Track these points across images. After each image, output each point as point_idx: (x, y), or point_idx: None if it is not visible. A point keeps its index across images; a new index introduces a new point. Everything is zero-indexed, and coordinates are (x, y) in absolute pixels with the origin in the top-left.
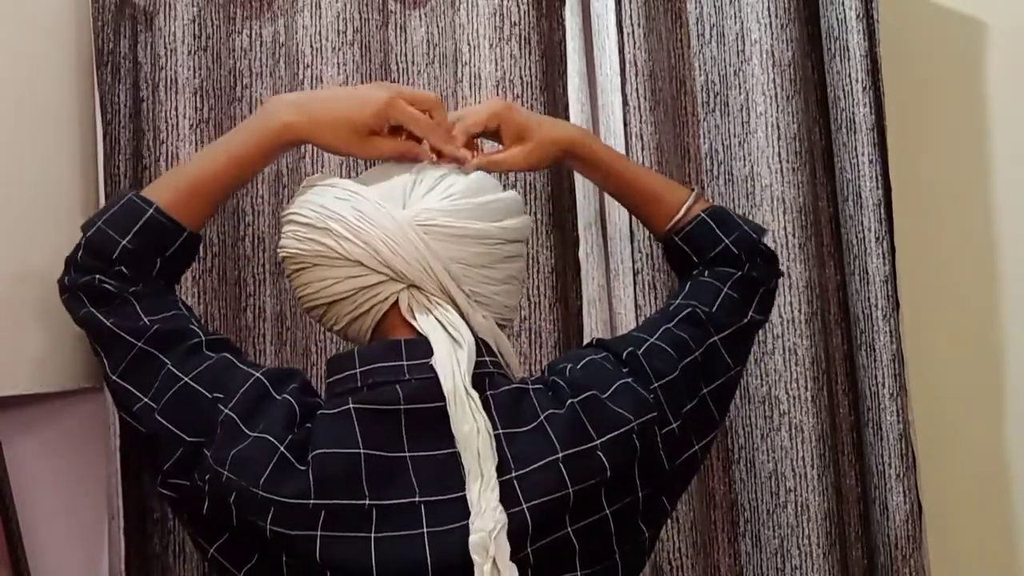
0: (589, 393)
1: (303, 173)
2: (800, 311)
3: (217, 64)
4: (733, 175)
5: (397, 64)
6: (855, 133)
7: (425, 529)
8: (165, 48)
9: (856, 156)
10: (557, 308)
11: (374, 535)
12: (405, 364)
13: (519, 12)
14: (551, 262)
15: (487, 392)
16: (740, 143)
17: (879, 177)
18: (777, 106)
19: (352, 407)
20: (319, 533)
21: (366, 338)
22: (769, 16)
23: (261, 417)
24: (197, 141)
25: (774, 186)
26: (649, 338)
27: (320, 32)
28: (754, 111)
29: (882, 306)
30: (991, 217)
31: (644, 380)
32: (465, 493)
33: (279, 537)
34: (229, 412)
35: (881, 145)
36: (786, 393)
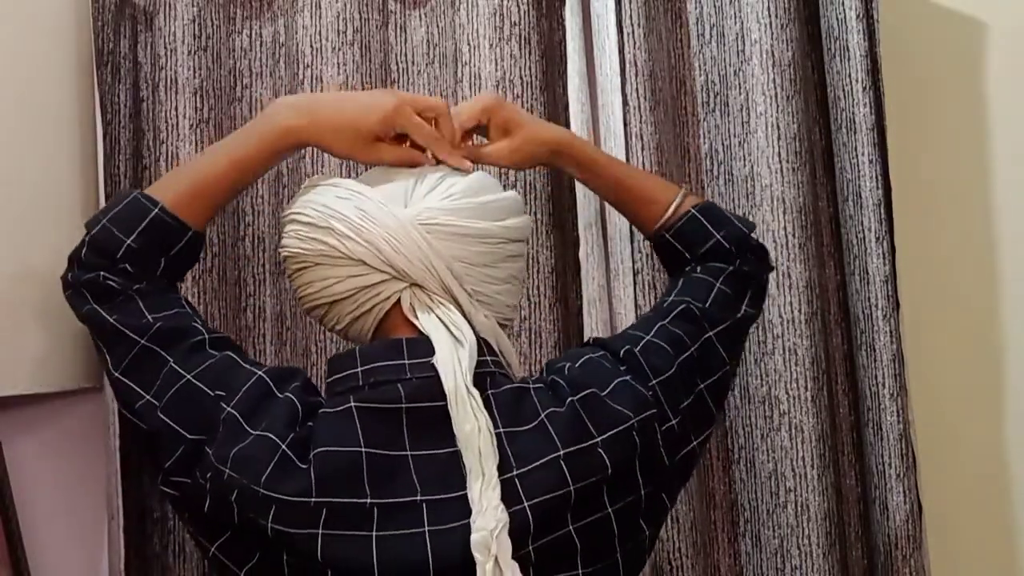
0: (589, 391)
1: (303, 173)
2: (800, 311)
3: (217, 64)
4: (733, 175)
5: (397, 64)
6: (855, 133)
7: (427, 528)
8: (165, 48)
9: (856, 156)
10: (557, 308)
11: (375, 534)
12: (406, 363)
13: (519, 12)
14: (551, 262)
15: (488, 391)
16: (740, 143)
17: (879, 177)
18: (777, 106)
19: (353, 406)
20: (320, 531)
21: (367, 338)
22: (769, 16)
23: (263, 415)
24: (197, 141)
25: (774, 186)
26: (645, 336)
27: (320, 32)
28: (754, 111)
29: (882, 306)
30: (991, 217)
31: (642, 377)
32: (466, 492)
33: (280, 535)
34: (231, 410)
35: (881, 145)
36: (786, 393)
